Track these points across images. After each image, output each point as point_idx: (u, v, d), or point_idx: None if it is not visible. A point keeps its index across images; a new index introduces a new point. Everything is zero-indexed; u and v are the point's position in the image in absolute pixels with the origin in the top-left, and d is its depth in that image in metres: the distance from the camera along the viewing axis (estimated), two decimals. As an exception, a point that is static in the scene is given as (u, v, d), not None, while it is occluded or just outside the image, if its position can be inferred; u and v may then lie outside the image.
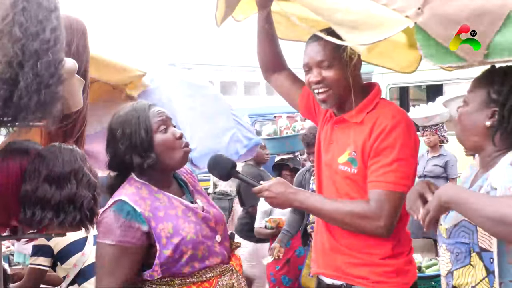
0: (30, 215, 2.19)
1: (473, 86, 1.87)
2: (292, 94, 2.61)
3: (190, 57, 29.27)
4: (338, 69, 2.22)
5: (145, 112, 2.14)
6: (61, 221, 2.21)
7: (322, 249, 2.38)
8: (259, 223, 4.98)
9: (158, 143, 2.12)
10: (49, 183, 2.19)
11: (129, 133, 2.11)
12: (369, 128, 2.22)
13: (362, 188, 2.23)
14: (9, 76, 1.93)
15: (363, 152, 2.22)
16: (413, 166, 2.24)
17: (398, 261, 2.25)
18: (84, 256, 3.46)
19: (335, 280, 2.31)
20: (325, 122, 2.42)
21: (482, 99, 1.81)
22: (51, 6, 2.04)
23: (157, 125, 2.14)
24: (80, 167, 2.25)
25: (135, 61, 3.94)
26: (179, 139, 2.16)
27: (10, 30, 1.94)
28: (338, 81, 2.23)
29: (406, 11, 1.78)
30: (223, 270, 2.14)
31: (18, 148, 2.28)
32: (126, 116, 2.14)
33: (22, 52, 1.94)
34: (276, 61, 2.63)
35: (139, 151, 2.10)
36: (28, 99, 1.95)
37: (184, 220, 2.09)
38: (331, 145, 2.34)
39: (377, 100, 2.30)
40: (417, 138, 2.26)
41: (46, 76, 1.99)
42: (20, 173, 2.21)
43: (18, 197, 2.20)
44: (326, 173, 2.36)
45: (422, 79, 7.96)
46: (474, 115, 1.83)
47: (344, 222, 2.21)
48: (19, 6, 1.96)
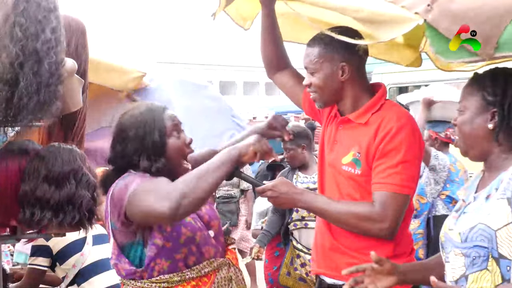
0: (29, 215, 2.18)
1: (465, 94, 1.86)
2: (296, 93, 2.61)
3: (190, 57, 29.27)
4: (321, 75, 2.25)
5: (161, 115, 2.13)
6: (60, 221, 2.20)
7: (322, 249, 2.37)
8: (255, 224, 4.97)
9: (170, 148, 2.11)
10: (48, 183, 2.19)
11: (143, 134, 2.08)
12: (374, 129, 2.21)
13: (365, 189, 2.22)
14: (10, 77, 1.93)
15: (368, 153, 2.21)
16: (418, 168, 2.24)
17: (399, 261, 2.25)
18: (83, 257, 3.45)
19: (336, 280, 2.30)
20: (329, 121, 2.42)
21: (478, 104, 1.80)
22: (51, 6, 2.04)
23: (171, 129, 2.12)
24: (79, 167, 2.25)
25: (135, 61, 3.95)
26: (188, 146, 2.16)
27: (11, 31, 1.94)
28: (321, 87, 2.26)
29: (415, 8, 1.78)
30: (220, 264, 2.14)
31: (17, 148, 2.28)
32: (141, 116, 2.11)
33: (23, 52, 1.94)
34: (280, 60, 2.63)
35: (149, 154, 2.08)
36: (28, 99, 1.95)
37: None
38: (335, 145, 2.33)
39: (382, 101, 2.29)
40: (422, 140, 2.26)
41: (46, 75, 1.99)
42: (19, 173, 2.21)
43: (17, 197, 2.19)
44: (329, 173, 2.36)
45: (421, 79, 7.95)
46: (474, 122, 1.81)
47: (349, 223, 2.21)
48: (20, 7, 1.96)
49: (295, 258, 4.14)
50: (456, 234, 1.81)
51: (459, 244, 1.79)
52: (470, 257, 1.75)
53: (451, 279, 1.83)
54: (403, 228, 2.27)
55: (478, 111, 1.80)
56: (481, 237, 1.72)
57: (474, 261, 1.74)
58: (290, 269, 4.17)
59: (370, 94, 2.31)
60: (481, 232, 1.72)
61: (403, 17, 1.81)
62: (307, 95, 2.52)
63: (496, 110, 1.77)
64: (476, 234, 1.73)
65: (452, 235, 1.83)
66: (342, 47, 2.18)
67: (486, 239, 1.70)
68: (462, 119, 1.84)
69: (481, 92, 1.79)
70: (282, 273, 4.22)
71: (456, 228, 1.82)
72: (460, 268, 1.78)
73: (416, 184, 2.22)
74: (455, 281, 1.81)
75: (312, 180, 4.15)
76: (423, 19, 1.76)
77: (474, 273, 1.74)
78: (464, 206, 1.85)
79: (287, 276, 4.21)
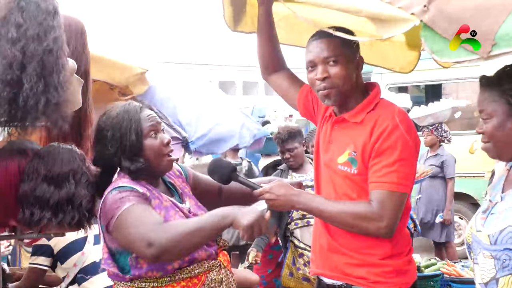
0: (28, 215, 2.18)
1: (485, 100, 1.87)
2: (291, 94, 2.60)
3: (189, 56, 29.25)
4: (343, 65, 2.22)
5: (137, 116, 2.14)
6: (60, 221, 2.20)
7: (320, 249, 2.37)
8: None
9: (147, 148, 2.13)
10: (48, 182, 2.19)
11: (119, 136, 2.11)
12: (370, 128, 2.21)
13: (361, 188, 2.23)
14: (11, 77, 1.93)
15: (364, 152, 2.21)
16: (414, 166, 2.24)
17: (397, 261, 2.25)
18: (84, 256, 3.45)
19: (334, 281, 2.30)
20: (324, 121, 2.42)
21: (505, 108, 1.82)
22: (50, 8, 2.04)
23: (147, 130, 2.14)
24: (79, 167, 2.25)
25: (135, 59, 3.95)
26: (166, 146, 2.17)
27: (8, 32, 1.94)
28: (343, 78, 2.22)
29: (411, 9, 1.79)
30: (211, 265, 2.14)
31: (16, 148, 2.28)
32: (118, 117, 2.14)
33: (23, 53, 1.94)
34: (276, 61, 2.62)
35: (128, 155, 2.11)
36: (36, 101, 1.95)
37: (175, 213, 2.12)
38: (331, 144, 2.33)
39: (377, 100, 2.29)
40: (417, 138, 2.25)
41: (53, 77, 1.99)
42: (18, 173, 2.21)
43: (17, 197, 2.19)
44: (324, 173, 2.36)
45: (421, 79, 7.96)
46: (505, 126, 1.83)
47: (347, 223, 2.21)
48: (17, 8, 1.96)
49: (297, 258, 4.12)
50: (485, 236, 1.79)
51: (488, 246, 1.77)
52: (500, 259, 1.74)
53: (480, 281, 1.81)
54: (401, 227, 2.27)
55: (506, 115, 1.81)
56: (511, 240, 1.71)
57: (504, 264, 1.73)
58: (292, 270, 4.15)
59: (364, 93, 2.31)
60: (511, 235, 1.72)
61: (399, 17, 1.81)
62: (302, 96, 2.53)
63: None
64: (506, 237, 1.72)
65: (480, 237, 1.81)
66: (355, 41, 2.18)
67: None
68: (492, 126, 1.84)
69: (505, 97, 1.81)
70: (284, 274, 4.20)
71: (484, 230, 1.81)
72: (490, 270, 1.77)
73: (412, 182, 2.22)
74: (484, 283, 1.79)
75: (310, 177, 4.16)
76: (419, 19, 1.76)
77: (505, 276, 1.73)
78: (492, 207, 1.84)
79: (290, 277, 4.19)
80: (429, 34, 1.76)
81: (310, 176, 4.21)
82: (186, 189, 2.33)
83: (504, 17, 1.66)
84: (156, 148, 2.14)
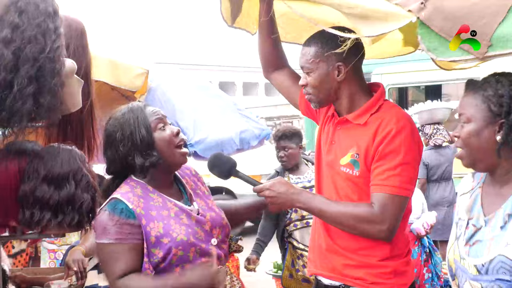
0: (28, 215, 2.18)
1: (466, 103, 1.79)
2: (293, 93, 2.59)
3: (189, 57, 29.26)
4: (315, 75, 2.24)
5: (143, 112, 2.14)
6: (60, 222, 2.20)
7: (319, 250, 2.37)
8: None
9: (158, 140, 2.12)
10: (48, 183, 2.19)
11: (130, 133, 2.10)
12: (373, 131, 2.21)
13: (363, 190, 2.22)
14: (3, 78, 1.92)
15: (367, 154, 2.21)
16: (416, 170, 2.24)
17: (395, 262, 2.25)
18: None
19: (333, 281, 2.30)
20: (326, 121, 2.41)
21: (485, 115, 1.74)
22: (50, 10, 2.03)
23: (155, 123, 2.14)
24: (79, 168, 2.24)
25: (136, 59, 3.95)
26: (176, 136, 2.16)
27: (6, 33, 1.94)
28: (316, 87, 2.26)
29: (408, 5, 1.78)
30: None
31: (16, 148, 2.28)
32: (124, 117, 2.13)
33: (17, 55, 1.94)
34: (277, 59, 2.62)
35: (141, 150, 2.09)
36: (22, 104, 1.94)
37: (176, 222, 2.08)
38: (333, 145, 2.33)
39: (381, 102, 2.28)
40: (420, 142, 2.26)
41: (47, 80, 1.98)
42: (18, 174, 2.21)
43: (17, 198, 2.19)
44: (326, 173, 2.35)
45: (421, 79, 7.95)
46: (482, 134, 1.74)
47: (347, 224, 2.20)
48: (15, 9, 1.96)
49: (295, 260, 4.11)
50: (471, 266, 1.74)
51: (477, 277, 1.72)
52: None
53: None
54: (400, 229, 2.27)
55: (485, 122, 1.74)
56: (502, 270, 1.66)
57: None
58: (292, 271, 4.14)
59: (368, 94, 2.30)
60: (502, 264, 1.66)
61: (396, 14, 1.81)
62: (303, 95, 2.52)
63: (504, 120, 1.71)
64: (497, 267, 1.67)
65: (466, 266, 1.76)
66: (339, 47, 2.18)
67: (508, 272, 1.65)
68: (468, 131, 1.77)
69: (486, 102, 1.73)
70: (284, 276, 4.20)
71: (470, 260, 1.75)
72: None
73: (414, 186, 2.22)
74: None
75: (307, 179, 4.16)
76: (416, 16, 1.76)
77: None
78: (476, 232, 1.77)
79: (290, 279, 4.18)
80: (425, 32, 1.75)
81: (306, 178, 4.20)
82: (199, 189, 2.29)
83: (500, 18, 1.65)
84: (168, 139, 2.13)
